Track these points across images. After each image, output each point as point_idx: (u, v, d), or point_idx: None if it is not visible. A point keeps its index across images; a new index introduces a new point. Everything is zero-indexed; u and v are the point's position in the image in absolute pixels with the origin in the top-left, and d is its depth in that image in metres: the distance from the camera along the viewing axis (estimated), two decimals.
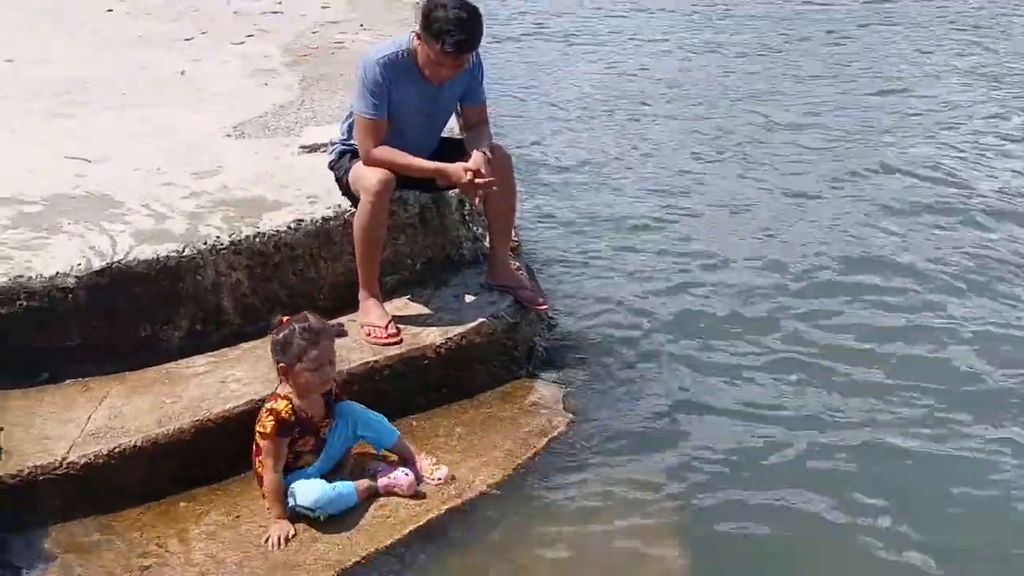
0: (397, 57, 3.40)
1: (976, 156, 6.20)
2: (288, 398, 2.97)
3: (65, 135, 4.48)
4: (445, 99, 3.58)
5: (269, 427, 2.92)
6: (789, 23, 9.80)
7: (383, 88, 3.38)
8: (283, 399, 2.96)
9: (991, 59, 8.34)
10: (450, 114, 3.74)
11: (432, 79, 3.41)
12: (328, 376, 3.03)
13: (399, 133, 3.47)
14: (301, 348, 2.92)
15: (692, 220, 5.35)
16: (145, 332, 3.39)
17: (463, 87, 3.57)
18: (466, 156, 3.46)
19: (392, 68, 3.39)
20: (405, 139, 3.48)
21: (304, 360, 2.92)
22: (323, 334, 2.98)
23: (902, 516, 3.10)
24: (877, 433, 3.51)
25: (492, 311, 3.69)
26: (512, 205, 3.75)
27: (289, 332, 2.94)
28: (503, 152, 3.64)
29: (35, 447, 2.98)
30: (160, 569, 2.81)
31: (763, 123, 6.95)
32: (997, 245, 4.97)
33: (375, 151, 3.43)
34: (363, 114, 3.43)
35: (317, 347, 2.94)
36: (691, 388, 3.79)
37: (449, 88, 3.53)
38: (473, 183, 3.38)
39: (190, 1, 7.38)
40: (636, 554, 2.97)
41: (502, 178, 3.54)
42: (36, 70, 5.52)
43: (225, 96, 5.07)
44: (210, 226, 3.55)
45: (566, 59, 8.86)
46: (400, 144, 3.46)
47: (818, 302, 4.46)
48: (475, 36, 3.30)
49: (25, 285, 3.22)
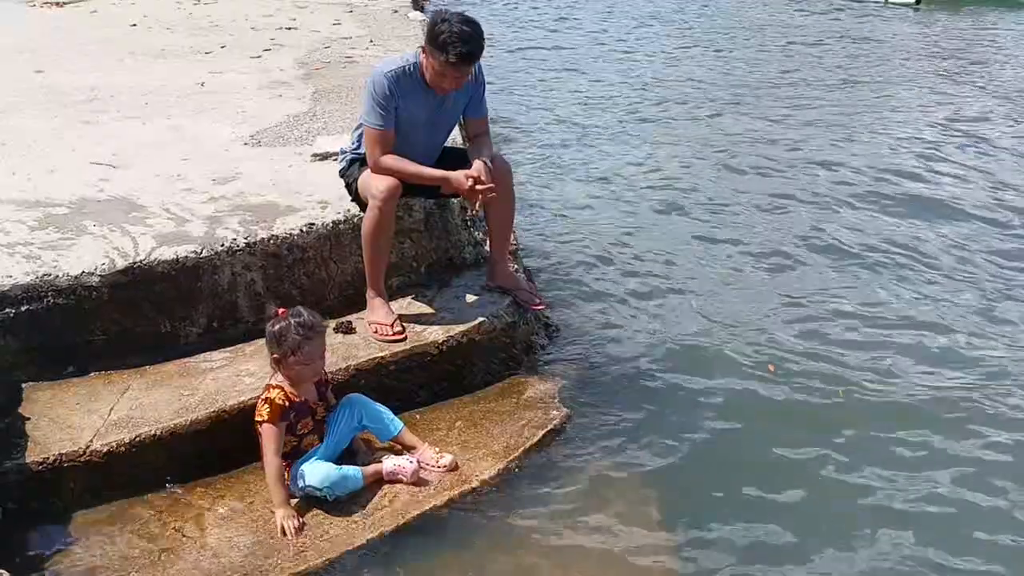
0: (404, 71, 3.52)
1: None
2: (280, 387, 3.07)
3: (90, 142, 4.61)
4: (449, 110, 3.69)
5: (265, 414, 3.02)
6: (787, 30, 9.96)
7: (390, 101, 3.50)
8: (276, 388, 3.06)
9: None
10: (454, 125, 3.85)
11: (437, 90, 3.54)
12: (319, 369, 3.15)
13: (406, 142, 3.58)
14: (295, 343, 3.01)
15: (686, 221, 5.42)
16: (165, 328, 3.50)
17: (466, 99, 3.69)
18: (469, 164, 3.58)
19: (399, 81, 3.51)
20: (412, 148, 3.59)
21: (298, 354, 3.03)
22: (316, 329, 3.07)
23: (894, 508, 3.18)
24: (873, 428, 3.57)
25: (492, 311, 3.79)
26: (511, 211, 3.86)
27: (285, 326, 3.03)
28: (503, 162, 3.76)
29: (61, 435, 3.07)
30: (177, 551, 2.89)
31: (749, 128, 7.07)
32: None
33: (383, 159, 3.54)
34: (372, 125, 3.54)
35: (311, 342, 3.04)
36: (685, 383, 3.87)
37: (453, 100, 3.65)
38: (474, 190, 3.50)
39: (210, 17, 7.56)
40: (629, 544, 3.02)
41: (502, 186, 3.65)
42: (64, 81, 5.68)
43: (242, 107, 5.21)
44: (227, 229, 3.65)
45: (565, 70, 9.00)
46: (407, 152, 3.57)
47: (810, 298, 4.55)
48: (477, 48, 3.43)
49: (52, 283, 3.31)
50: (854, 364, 4.01)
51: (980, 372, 3.98)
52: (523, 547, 3.01)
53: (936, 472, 3.36)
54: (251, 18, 7.53)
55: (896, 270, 4.85)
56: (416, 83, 3.54)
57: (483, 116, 3.76)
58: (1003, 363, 4.03)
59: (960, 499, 3.22)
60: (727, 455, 3.46)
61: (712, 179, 6.15)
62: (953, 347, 4.16)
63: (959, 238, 5.29)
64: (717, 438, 3.55)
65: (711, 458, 3.45)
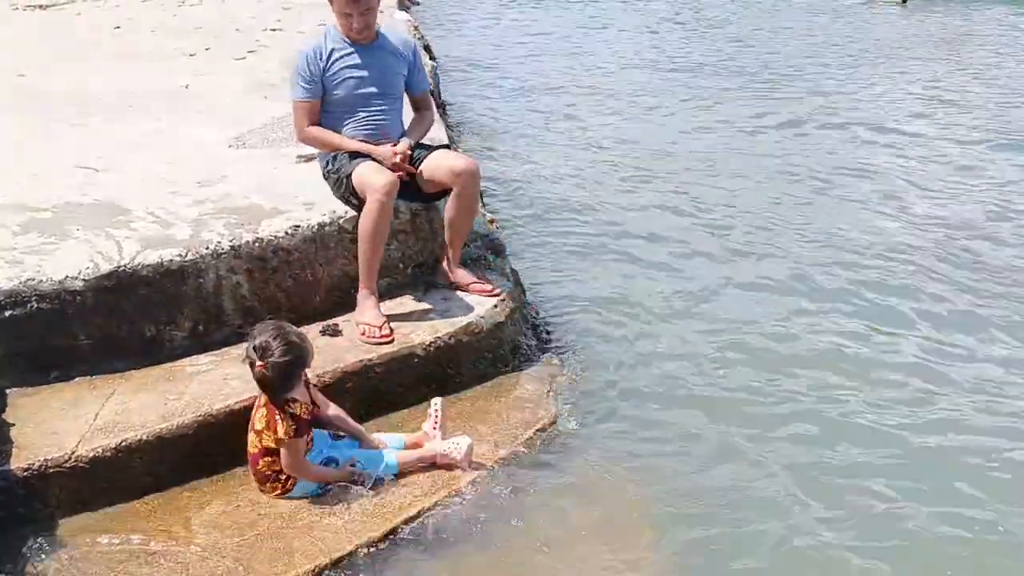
0: (324, 36, 3.76)
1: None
2: (299, 400, 3.08)
3: (74, 145, 4.59)
4: (386, 70, 3.80)
5: (292, 431, 3.03)
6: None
7: (313, 71, 3.69)
8: (296, 403, 3.07)
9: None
10: (399, 92, 3.93)
11: (355, 36, 3.70)
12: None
13: (353, 115, 3.74)
14: (299, 377, 3.09)
15: (673, 224, 5.44)
16: (150, 332, 3.48)
17: (403, 68, 3.84)
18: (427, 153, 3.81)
19: (318, 51, 3.72)
20: (362, 121, 3.75)
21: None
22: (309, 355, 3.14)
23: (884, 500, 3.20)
24: (867, 420, 3.60)
25: (479, 311, 3.80)
26: (473, 216, 4.03)
27: (289, 364, 3.02)
28: (472, 170, 3.80)
29: (45, 441, 3.05)
30: (164, 556, 2.88)
31: (734, 132, 7.11)
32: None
33: (308, 130, 3.77)
34: (296, 99, 3.75)
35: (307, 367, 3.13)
36: (670, 382, 3.89)
37: (390, 57, 3.80)
38: (397, 164, 3.66)
39: (194, 19, 7.54)
40: (617, 543, 3.04)
41: (468, 194, 3.81)
42: (47, 84, 5.65)
43: (227, 109, 5.19)
44: (212, 232, 3.65)
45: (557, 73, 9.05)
46: (359, 129, 3.73)
47: (796, 300, 4.58)
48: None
49: (36, 288, 3.29)
50: (849, 363, 4.03)
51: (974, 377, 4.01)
52: (511, 547, 3.02)
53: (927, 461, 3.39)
54: (236, 20, 7.51)
55: (903, 276, 4.83)
56: (339, 40, 3.74)
57: (423, 91, 4.00)
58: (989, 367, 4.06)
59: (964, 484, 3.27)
60: (715, 453, 3.47)
61: (704, 176, 6.18)
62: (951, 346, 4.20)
63: (958, 249, 5.27)
64: (705, 437, 3.56)
65: (699, 456, 3.46)
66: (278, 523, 3.05)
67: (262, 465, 3.11)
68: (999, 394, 3.82)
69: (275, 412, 3.05)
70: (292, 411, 3.05)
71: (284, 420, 3.03)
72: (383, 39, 3.82)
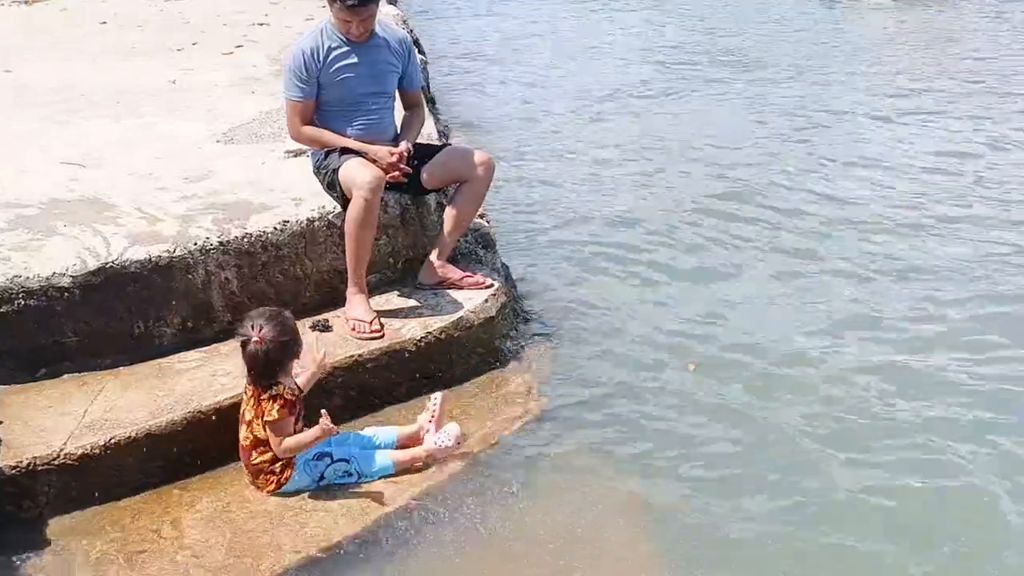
0: (321, 33, 3.70)
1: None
2: (283, 383, 3.10)
3: (61, 141, 4.57)
4: (382, 69, 3.78)
5: (276, 413, 3.04)
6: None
7: (309, 71, 3.65)
8: (280, 386, 3.09)
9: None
10: (393, 93, 3.91)
11: (353, 37, 3.66)
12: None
13: (349, 114, 3.72)
14: (289, 363, 3.12)
15: (659, 221, 5.42)
16: (138, 329, 3.47)
17: (398, 65, 3.82)
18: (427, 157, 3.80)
19: (315, 50, 3.66)
20: (357, 120, 3.72)
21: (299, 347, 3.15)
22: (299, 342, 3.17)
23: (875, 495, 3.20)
24: (854, 414, 3.60)
25: (469, 307, 3.80)
26: (478, 210, 4.04)
27: (284, 343, 3.07)
28: (491, 163, 3.90)
29: (34, 439, 3.05)
30: (154, 553, 2.88)
31: (729, 127, 7.12)
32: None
33: (303, 129, 3.73)
34: (290, 98, 3.71)
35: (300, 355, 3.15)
36: (657, 378, 3.89)
37: (385, 60, 3.76)
38: (394, 165, 3.63)
39: (181, 14, 7.50)
40: (606, 533, 3.05)
41: (481, 186, 3.86)
42: (34, 80, 5.62)
43: (214, 104, 5.18)
44: (200, 228, 3.63)
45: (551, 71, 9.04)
46: (354, 127, 3.70)
47: (790, 294, 4.57)
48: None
49: (23, 285, 3.28)
50: (842, 355, 4.03)
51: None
52: (500, 540, 3.03)
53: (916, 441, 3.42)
54: (223, 15, 7.47)
55: (896, 277, 4.81)
56: (335, 38, 3.69)
57: (417, 89, 3.98)
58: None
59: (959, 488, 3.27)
60: (705, 445, 3.48)
61: (697, 169, 6.17)
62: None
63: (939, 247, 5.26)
64: (695, 428, 3.57)
65: (688, 448, 3.47)
66: (268, 519, 3.05)
67: (255, 457, 3.11)
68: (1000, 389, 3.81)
69: (261, 395, 3.07)
70: (277, 392, 3.06)
71: (272, 400, 3.05)
72: (380, 37, 3.78)
